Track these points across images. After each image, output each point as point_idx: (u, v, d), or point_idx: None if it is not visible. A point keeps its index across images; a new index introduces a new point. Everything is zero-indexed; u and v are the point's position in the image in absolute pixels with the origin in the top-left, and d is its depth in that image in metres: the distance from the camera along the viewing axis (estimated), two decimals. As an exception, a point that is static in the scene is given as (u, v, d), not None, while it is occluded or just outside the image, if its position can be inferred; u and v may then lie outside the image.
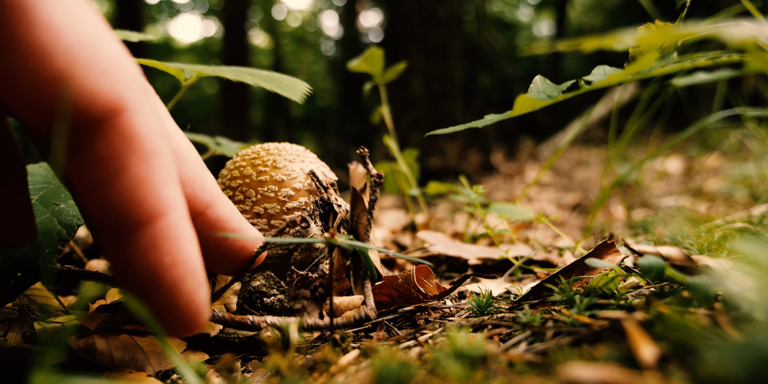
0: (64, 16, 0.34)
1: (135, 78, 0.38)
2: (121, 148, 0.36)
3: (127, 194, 0.36)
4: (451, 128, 0.65)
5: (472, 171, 3.70)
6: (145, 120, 0.37)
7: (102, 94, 0.35)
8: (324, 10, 16.86)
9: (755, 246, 0.33)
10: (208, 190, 0.48)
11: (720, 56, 0.61)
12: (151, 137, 0.37)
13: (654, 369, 0.34)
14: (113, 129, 0.36)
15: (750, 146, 2.30)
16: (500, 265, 1.04)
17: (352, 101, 10.68)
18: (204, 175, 0.48)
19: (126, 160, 0.36)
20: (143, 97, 0.38)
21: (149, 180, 0.37)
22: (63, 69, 0.33)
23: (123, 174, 0.36)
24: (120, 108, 0.36)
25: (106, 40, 0.36)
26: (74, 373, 0.52)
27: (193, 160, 0.47)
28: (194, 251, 0.40)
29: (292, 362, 0.44)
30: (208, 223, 0.49)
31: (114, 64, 0.36)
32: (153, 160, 0.37)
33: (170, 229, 0.38)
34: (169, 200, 0.38)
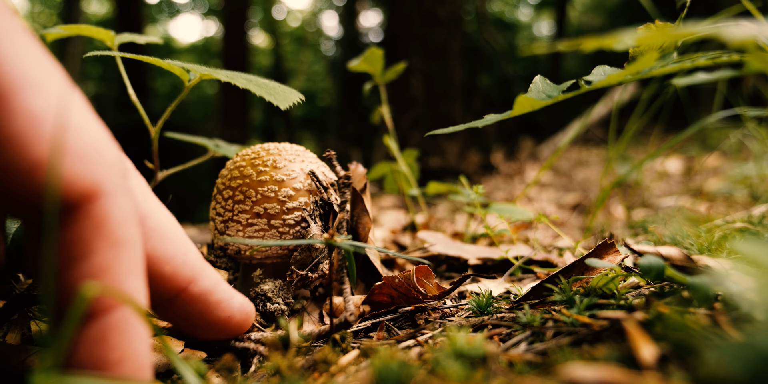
0: (44, 103, 0.33)
1: (113, 163, 0.37)
2: (90, 234, 0.35)
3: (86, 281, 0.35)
4: (451, 128, 0.65)
5: (472, 171, 3.70)
6: (119, 207, 0.36)
7: (78, 180, 0.34)
8: (324, 10, 16.87)
9: (755, 246, 0.33)
10: (191, 265, 0.47)
11: (720, 56, 0.61)
12: (123, 225, 0.36)
13: (654, 369, 0.34)
14: (85, 215, 0.35)
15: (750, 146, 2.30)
16: (500, 265, 1.04)
17: (352, 101, 10.68)
18: (186, 249, 0.47)
19: (92, 247, 0.35)
20: (120, 183, 0.37)
21: (112, 268, 0.36)
22: (39, 158, 0.32)
23: (86, 260, 0.35)
24: (95, 194, 0.35)
25: (86, 125, 0.35)
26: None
27: (173, 235, 0.46)
28: (145, 349, 0.37)
29: (292, 362, 0.44)
30: (192, 297, 0.47)
31: (93, 150, 0.35)
32: (121, 248, 0.36)
33: (124, 322, 0.36)
34: (130, 291, 0.37)
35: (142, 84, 7.80)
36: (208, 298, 0.48)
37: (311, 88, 14.17)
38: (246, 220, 0.72)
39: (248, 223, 0.71)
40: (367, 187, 0.85)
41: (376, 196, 3.11)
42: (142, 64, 0.76)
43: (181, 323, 0.49)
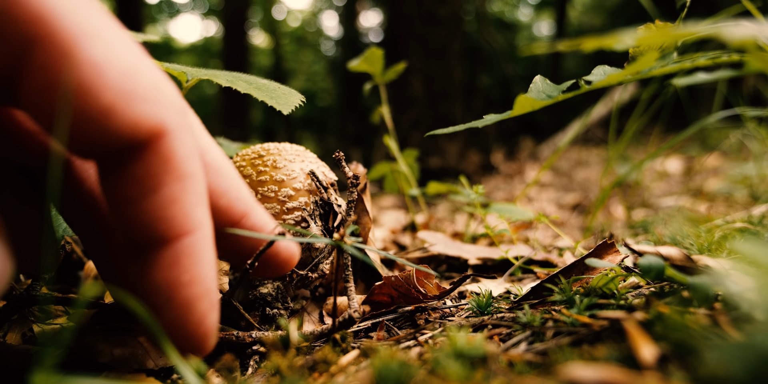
0: (105, 51, 0.35)
1: (174, 102, 0.39)
2: (158, 168, 0.38)
3: (158, 211, 0.38)
4: (451, 128, 0.65)
5: (472, 171, 3.70)
6: (183, 143, 0.39)
7: (144, 120, 0.36)
8: (324, 10, 16.87)
9: (755, 246, 0.33)
10: (243, 200, 0.49)
11: (720, 56, 0.61)
12: (187, 159, 0.39)
13: (654, 369, 0.34)
14: (153, 151, 0.38)
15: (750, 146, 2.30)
16: (500, 265, 1.04)
17: (352, 101, 10.68)
18: (239, 186, 0.49)
19: (161, 180, 0.38)
20: (182, 120, 0.39)
21: (181, 199, 0.39)
22: (108, 103, 0.35)
23: (157, 192, 0.38)
24: (161, 132, 0.38)
25: (145, 68, 0.38)
26: (74, 373, 0.52)
27: (227, 172, 0.49)
28: (212, 273, 0.41)
29: (292, 362, 0.44)
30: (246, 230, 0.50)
31: (154, 91, 0.37)
32: (186, 181, 0.39)
33: (194, 247, 0.39)
34: (196, 220, 0.40)
35: (142, 84, 7.77)
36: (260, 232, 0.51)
37: (311, 88, 14.17)
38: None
39: (248, 223, 0.71)
40: (367, 187, 0.85)
41: (376, 196, 3.11)
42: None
43: (232, 257, 0.53)
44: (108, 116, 0.35)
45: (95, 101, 0.34)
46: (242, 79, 0.77)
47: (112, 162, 0.38)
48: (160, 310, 0.39)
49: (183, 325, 0.39)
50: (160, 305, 0.39)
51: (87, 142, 0.36)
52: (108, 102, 0.35)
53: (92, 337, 0.57)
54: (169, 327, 0.39)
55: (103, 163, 0.39)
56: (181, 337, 0.39)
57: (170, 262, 0.39)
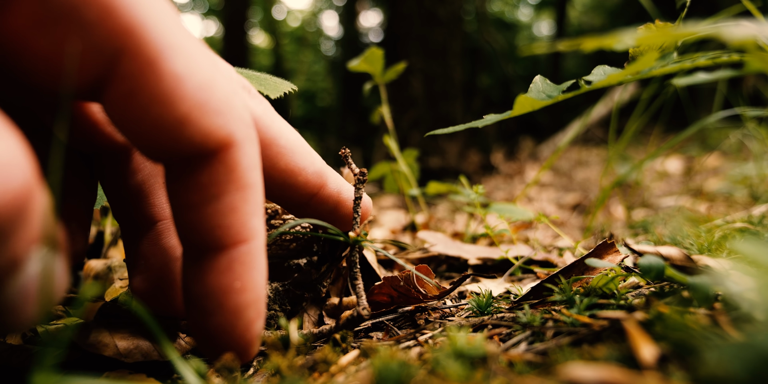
0: (186, 64, 0.37)
1: (243, 115, 0.41)
2: (223, 177, 0.40)
3: (218, 218, 0.40)
4: (451, 128, 0.65)
5: (472, 171, 3.70)
6: (248, 154, 0.41)
7: (215, 132, 0.38)
8: (324, 10, 16.87)
9: (755, 246, 0.33)
10: (319, 173, 0.54)
11: (720, 56, 0.61)
12: (250, 170, 0.41)
13: (654, 369, 0.34)
14: (220, 161, 0.40)
15: (750, 146, 2.30)
16: (500, 265, 1.04)
17: (352, 101, 10.68)
18: (313, 160, 0.54)
19: (224, 188, 0.40)
20: (249, 132, 0.41)
21: (240, 208, 0.40)
22: (184, 113, 0.37)
23: (218, 200, 0.40)
24: (229, 143, 0.39)
25: (219, 81, 0.40)
26: (74, 373, 0.52)
27: (302, 149, 0.53)
28: (263, 282, 0.42)
29: (292, 362, 0.44)
30: (322, 199, 0.55)
31: (226, 104, 0.39)
32: (247, 191, 0.41)
33: (248, 256, 0.41)
34: (253, 229, 0.41)
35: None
36: (337, 198, 0.57)
37: (311, 88, 14.16)
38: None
39: (248, 223, 0.71)
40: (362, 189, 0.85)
41: (376, 196, 3.12)
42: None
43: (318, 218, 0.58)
44: (182, 126, 0.37)
45: (172, 111, 0.36)
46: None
47: (179, 168, 0.40)
48: (209, 314, 0.40)
49: (230, 331, 0.40)
50: (210, 309, 0.40)
51: (160, 148, 0.38)
52: (184, 112, 0.37)
53: (96, 331, 0.57)
54: (216, 331, 0.40)
55: (172, 168, 0.41)
56: (227, 342, 0.41)
57: (224, 269, 0.40)
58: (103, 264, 0.89)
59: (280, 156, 0.51)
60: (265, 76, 0.79)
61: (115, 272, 0.84)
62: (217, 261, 0.41)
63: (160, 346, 0.57)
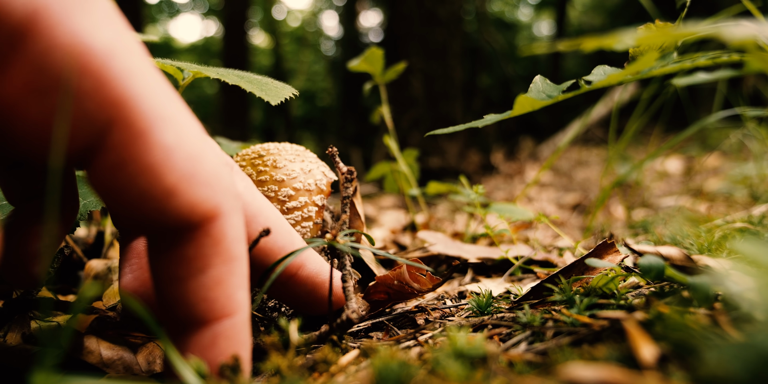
0: (175, 136, 0.37)
1: (229, 187, 0.41)
2: (209, 250, 0.39)
3: (203, 292, 0.39)
4: (451, 128, 0.65)
5: (472, 171, 3.70)
6: (234, 226, 0.41)
7: (203, 203, 0.38)
8: (324, 10, 16.87)
9: (755, 246, 0.33)
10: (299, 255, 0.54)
11: (720, 56, 0.61)
12: (236, 242, 0.41)
13: (654, 369, 0.34)
14: (206, 233, 0.39)
15: (750, 146, 2.30)
16: (500, 265, 1.04)
17: (352, 101, 10.68)
18: (292, 239, 0.54)
19: (210, 262, 0.39)
20: (234, 204, 0.41)
21: (226, 281, 0.40)
22: (172, 184, 0.37)
23: (204, 273, 0.39)
24: (215, 215, 0.39)
25: (207, 153, 0.40)
26: (74, 373, 0.52)
27: (282, 229, 0.53)
28: (248, 356, 0.42)
29: (292, 362, 0.44)
30: (301, 280, 0.56)
31: (214, 176, 0.39)
32: (233, 263, 0.40)
33: (233, 330, 0.40)
34: (238, 303, 0.41)
35: (142, 84, 7.79)
36: (314, 280, 0.57)
37: (311, 88, 14.17)
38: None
39: (248, 223, 0.71)
40: (358, 190, 0.85)
41: (376, 196, 3.11)
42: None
43: (291, 301, 0.58)
44: (170, 197, 0.37)
45: (161, 182, 0.36)
46: (234, 74, 0.77)
47: (164, 240, 0.39)
48: None
49: None
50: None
51: (146, 220, 0.38)
52: (172, 183, 0.37)
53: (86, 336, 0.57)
54: None
55: (156, 240, 0.40)
56: None
57: (208, 344, 0.40)
58: (103, 264, 0.89)
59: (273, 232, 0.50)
60: (266, 80, 0.79)
61: (114, 273, 0.84)
62: (200, 336, 0.40)
63: (161, 347, 0.57)
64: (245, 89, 0.73)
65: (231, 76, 0.74)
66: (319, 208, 0.74)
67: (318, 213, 0.74)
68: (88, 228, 1.16)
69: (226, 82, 0.74)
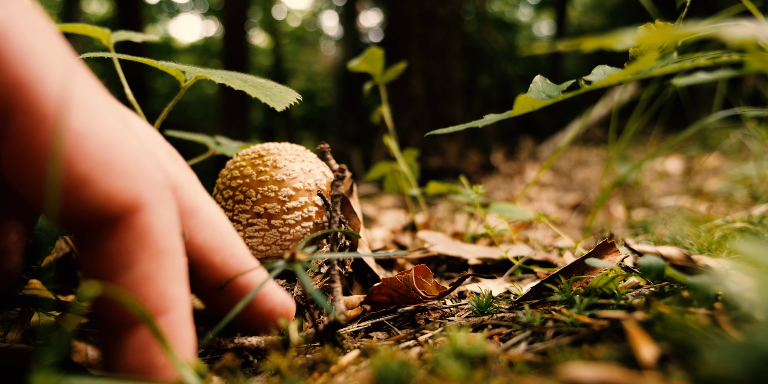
0: (87, 121, 0.34)
1: (154, 177, 0.38)
2: (133, 245, 0.36)
3: (132, 290, 0.36)
4: (451, 128, 0.65)
5: (472, 171, 3.70)
6: (160, 218, 0.38)
7: (120, 194, 0.35)
8: (324, 10, 16.87)
9: (755, 246, 0.33)
10: (238, 256, 0.49)
11: (720, 56, 0.61)
12: (164, 235, 0.38)
13: (654, 369, 0.34)
14: (127, 227, 0.36)
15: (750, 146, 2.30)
16: (500, 265, 1.04)
17: (352, 101, 10.68)
18: (234, 242, 0.49)
19: (136, 257, 0.36)
20: (160, 195, 0.38)
21: (156, 277, 0.37)
22: (84, 173, 0.34)
23: (131, 270, 0.36)
24: (136, 207, 0.36)
25: (126, 141, 0.37)
26: (74, 373, 0.52)
27: (223, 228, 0.48)
28: (190, 353, 0.39)
29: (292, 362, 0.44)
30: (239, 288, 0.49)
31: (134, 165, 0.36)
32: (163, 257, 0.37)
33: (169, 328, 0.37)
34: (172, 299, 0.38)
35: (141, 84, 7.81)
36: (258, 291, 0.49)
37: (311, 88, 14.16)
38: (246, 219, 0.72)
39: (248, 223, 0.71)
40: (354, 190, 0.85)
41: (376, 196, 3.12)
42: (141, 64, 0.75)
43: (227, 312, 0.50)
44: (82, 187, 0.34)
45: (70, 171, 0.33)
46: (238, 78, 0.76)
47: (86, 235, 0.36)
48: None
49: None
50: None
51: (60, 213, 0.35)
52: (84, 172, 0.34)
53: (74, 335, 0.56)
54: None
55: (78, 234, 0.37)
56: None
57: (143, 346, 0.36)
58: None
59: (198, 229, 0.46)
60: (269, 84, 0.78)
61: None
62: (135, 337, 0.36)
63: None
64: (250, 94, 0.72)
65: (235, 81, 0.74)
66: (320, 208, 0.74)
67: (318, 213, 0.74)
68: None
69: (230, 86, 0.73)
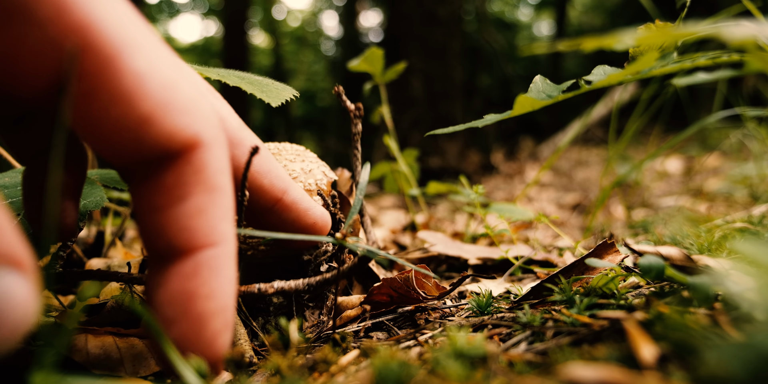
0: (147, 62, 0.36)
1: (209, 116, 0.40)
2: (189, 178, 0.38)
3: (184, 220, 0.38)
4: (451, 128, 0.65)
5: (472, 171, 3.70)
6: (215, 156, 0.40)
7: (181, 131, 0.37)
8: (324, 10, 16.87)
9: (755, 246, 0.33)
10: (282, 178, 0.54)
11: (720, 56, 0.61)
12: (218, 173, 0.40)
13: (654, 369, 0.34)
14: (186, 162, 0.38)
15: (750, 146, 2.30)
16: (500, 265, 1.04)
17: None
18: (276, 165, 0.54)
19: (191, 190, 0.38)
20: (216, 134, 0.40)
21: (208, 211, 0.39)
22: (147, 112, 0.36)
23: (185, 202, 0.38)
24: (195, 144, 0.38)
25: (184, 81, 0.39)
26: (74, 373, 0.52)
27: (267, 154, 0.53)
28: (231, 291, 0.40)
29: (292, 362, 0.44)
30: (285, 206, 0.55)
31: (192, 104, 0.38)
32: (215, 193, 0.39)
33: (216, 260, 0.39)
34: (221, 234, 0.40)
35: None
36: (298, 207, 0.55)
37: (311, 88, 14.17)
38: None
39: (248, 223, 0.71)
40: (354, 190, 0.86)
41: (376, 196, 3.12)
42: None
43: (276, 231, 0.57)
44: (146, 125, 0.36)
45: (135, 110, 0.35)
46: (234, 75, 0.76)
47: (144, 170, 0.39)
48: (171, 323, 0.38)
49: (194, 342, 0.38)
50: (172, 318, 0.38)
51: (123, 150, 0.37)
52: (147, 111, 0.36)
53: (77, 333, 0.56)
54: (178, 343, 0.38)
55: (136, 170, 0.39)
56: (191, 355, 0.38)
57: (190, 273, 0.38)
58: (103, 263, 0.89)
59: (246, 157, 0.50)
60: (266, 82, 0.78)
61: (115, 272, 0.84)
62: (182, 265, 0.38)
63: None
64: (246, 91, 0.72)
65: (232, 77, 0.74)
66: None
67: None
68: (89, 228, 1.16)
69: (226, 83, 0.73)
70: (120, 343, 0.57)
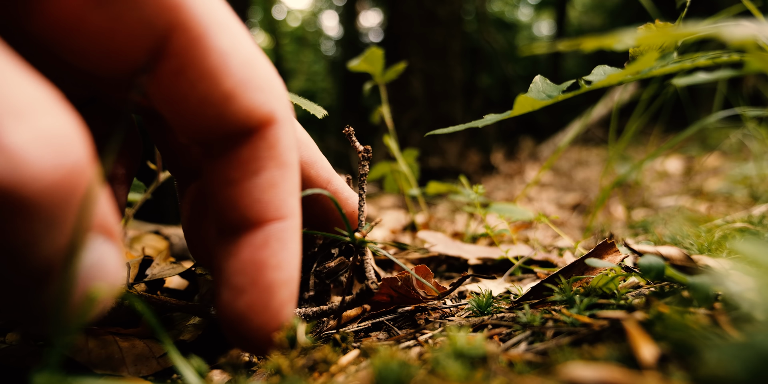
0: (230, 41, 0.38)
1: (282, 94, 0.42)
2: (264, 153, 0.40)
3: (257, 193, 0.40)
4: (451, 128, 0.65)
5: (472, 171, 3.70)
6: (288, 133, 0.42)
7: (259, 108, 0.39)
8: (324, 10, 16.87)
9: (755, 246, 0.33)
10: (326, 169, 0.56)
11: (720, 56, 0.61)
12: (289, 150, 0.42)
13: (654, 369, 0.34)
14: (261, 137, 0.40)
15: (750, 146, 2.30)
16: (500, 265, 1.04)
17: (352, 101, 10.68)
18: (321, 157, 0.56)
19: (265, 164, 0.40)
20: (288, 113, 0.42)
21: (279, 185, 0.41)
22: (229, 89, 0.37)
23: (259, 175, 0.40)
24: (271, 120, 0.40)
25: (260, 60, 0.40)
26: (74, 373, 0.52)
27: (313, 145, 0.55)
28: (296, 264, 0.42)
29: (293, 362, 0.44)
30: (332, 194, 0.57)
31: (268, 82, 0.40)
32: (286, 169, 0.41)
33: (285, 233, 0.41)
34: (290, 208, 0.42)
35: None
36: (340, 196, 0.59)
37: (311, 88, 14.16)
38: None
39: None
40: None
41: (376, 196, 3.12)
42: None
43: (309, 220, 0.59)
44: (228, 101, 0.38)
45: (219, 86, 0.37)
46: None
47: (221, 145, 0.40)
48: (241, 292, 0.39)
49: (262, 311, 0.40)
50: (242, 286, 0.39)
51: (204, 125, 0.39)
52: (230, 88, 0.37)
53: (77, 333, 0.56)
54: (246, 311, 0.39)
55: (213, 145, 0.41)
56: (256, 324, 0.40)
57: (261, 244, 0.40)
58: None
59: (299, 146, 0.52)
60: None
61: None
62: (253, 236, 0.40)
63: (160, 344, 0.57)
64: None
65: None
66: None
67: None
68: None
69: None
70: (121, 343, 0.57)
